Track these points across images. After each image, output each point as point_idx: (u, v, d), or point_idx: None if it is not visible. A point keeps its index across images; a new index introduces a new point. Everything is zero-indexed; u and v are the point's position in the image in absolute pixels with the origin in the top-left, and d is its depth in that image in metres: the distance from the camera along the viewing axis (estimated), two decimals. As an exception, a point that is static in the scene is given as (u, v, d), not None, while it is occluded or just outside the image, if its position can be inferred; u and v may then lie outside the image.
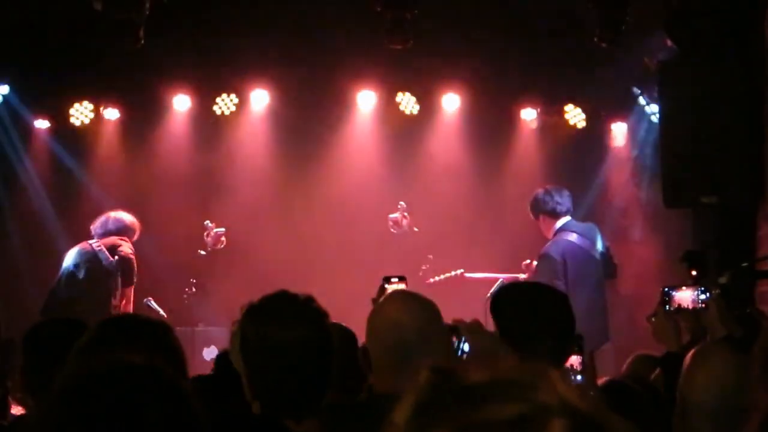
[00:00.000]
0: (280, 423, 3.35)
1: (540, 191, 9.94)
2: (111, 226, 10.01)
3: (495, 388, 1.32)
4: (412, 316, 3.67)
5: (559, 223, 9.79)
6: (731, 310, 5.37)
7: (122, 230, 10.04)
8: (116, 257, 9.85)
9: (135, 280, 9.97)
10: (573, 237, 9.72)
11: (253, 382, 3.43)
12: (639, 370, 5.58)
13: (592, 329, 9.17)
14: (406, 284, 4.62)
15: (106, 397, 1.94)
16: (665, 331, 5.26)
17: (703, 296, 5.45)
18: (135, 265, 9.95)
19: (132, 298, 10.01)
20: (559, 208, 9.81)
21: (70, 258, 9.96)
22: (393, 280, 4.61)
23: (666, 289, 5.51)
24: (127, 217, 10.09)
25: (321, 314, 3.48)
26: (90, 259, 9.89)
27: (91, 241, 9.97)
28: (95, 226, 10.03)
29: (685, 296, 5.49)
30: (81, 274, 9.89)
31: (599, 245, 9.84)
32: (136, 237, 10.13)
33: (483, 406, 1.30)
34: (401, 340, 3.58)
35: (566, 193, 9.92)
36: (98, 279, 9.83)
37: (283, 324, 3.39)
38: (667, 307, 5.44)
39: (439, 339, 3.65)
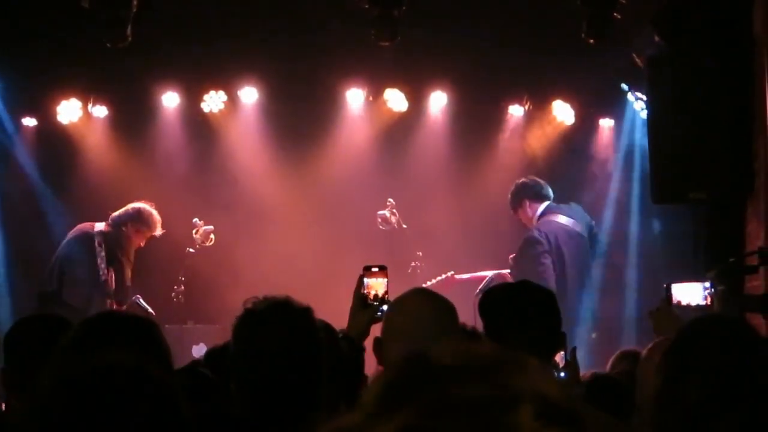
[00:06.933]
0: (259, 426, 3.32)
1: (521, 179, 10.11)
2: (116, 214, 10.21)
3: (467, 371, 1.30)
4: (432, 311, 3.70)
5: (543, 206, 9.90)
6: (735, 306, 5.38)
7: (123, 218, 10.15)
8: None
9: (120, 257, 10.10)
10: (562, 219, 9.83)
11: (238, 388, 3.40)
12: (623, 366, 5.57)
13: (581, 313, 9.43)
14: (387, 274, 4.55)
15: (92, 398, 1.92)
16: (667, 326, 5.25)
17: (706, 292, 5.45)
18: (112, 245, 10.11)
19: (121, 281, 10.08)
20: (544, 191, 9.96)
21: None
22: (374, 269, 4.54)
23: (669, 284, 5.50)
24: (130, 207, 10.23)
25: (314, 327, 3.42)
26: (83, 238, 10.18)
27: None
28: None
29: (688, 291, 5.48)
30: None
31: (585, 222, 9.99)
32: (146, 228, 10.22)
33: (451, 386, 1.28)
34: (420, 334, 3.59)
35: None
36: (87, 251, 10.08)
37: (271, 333, 3.34)
38: (671, 301, 5.43)
39: (455, 336, 3.65)
